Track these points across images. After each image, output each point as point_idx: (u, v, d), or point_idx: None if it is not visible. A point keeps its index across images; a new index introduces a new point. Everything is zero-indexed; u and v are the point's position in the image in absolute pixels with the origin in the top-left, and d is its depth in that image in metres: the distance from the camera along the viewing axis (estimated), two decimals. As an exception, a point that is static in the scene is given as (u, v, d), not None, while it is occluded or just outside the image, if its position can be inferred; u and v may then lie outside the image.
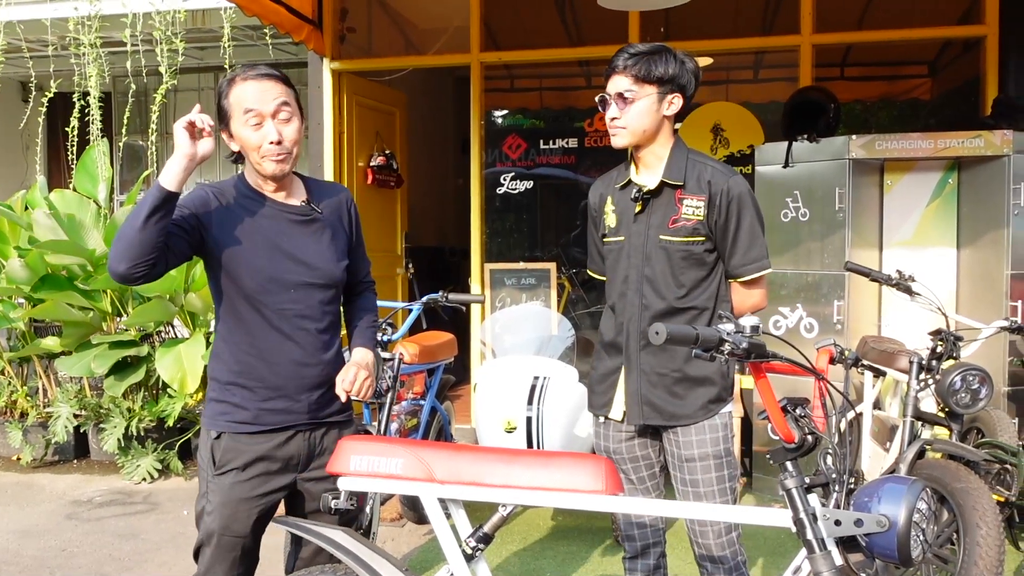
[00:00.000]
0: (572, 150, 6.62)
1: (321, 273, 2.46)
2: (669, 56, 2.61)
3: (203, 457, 2.43)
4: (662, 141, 2.68)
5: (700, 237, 2.61)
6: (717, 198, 2.59)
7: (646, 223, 2.68)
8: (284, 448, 2.43)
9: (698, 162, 2.65)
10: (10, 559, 4.43)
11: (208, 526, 2.39)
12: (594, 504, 2.14)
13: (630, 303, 2.71)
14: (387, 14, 7.35)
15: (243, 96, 2.35)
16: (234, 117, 2.37)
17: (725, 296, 2.69)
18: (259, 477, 2.41)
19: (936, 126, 5.99)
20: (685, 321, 2.62)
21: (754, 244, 2.63)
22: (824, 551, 1.94)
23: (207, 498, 2.40)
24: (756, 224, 2.63)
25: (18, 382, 6.50)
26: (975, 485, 3.16)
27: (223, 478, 2.38)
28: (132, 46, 6.52)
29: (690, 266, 2.63)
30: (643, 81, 2.60)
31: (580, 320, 6.63)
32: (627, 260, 2.71)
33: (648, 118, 2.63)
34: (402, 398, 4.56)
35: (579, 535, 4.65)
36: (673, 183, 2.63)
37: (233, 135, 2.39)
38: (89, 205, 6.28)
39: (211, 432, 2.40)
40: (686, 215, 2.62)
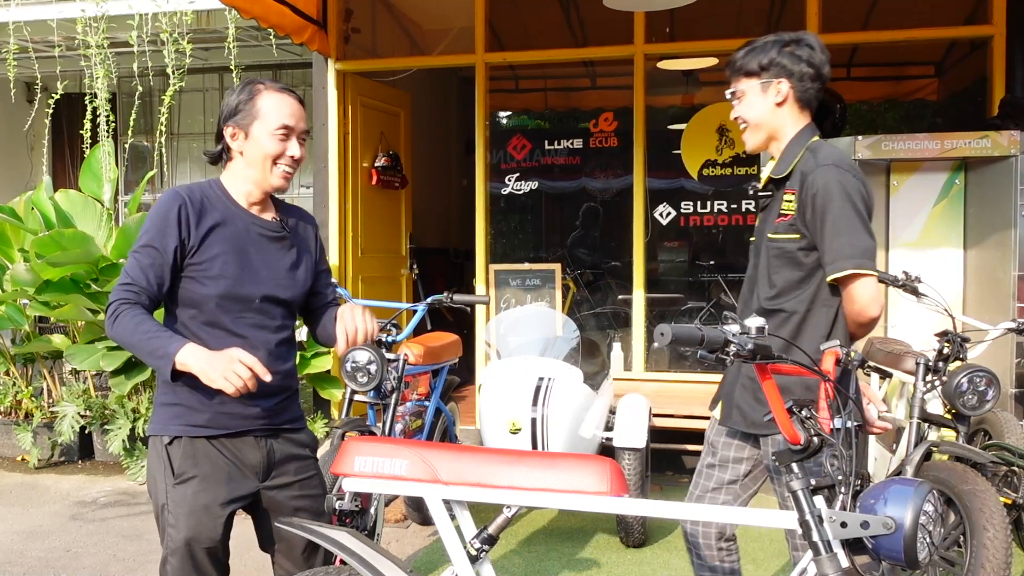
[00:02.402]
0: (577, 151, 6.62)
1: (284, 287, 2.46)
2: (768, 45, 2.50)
3: (155, 467, 2.33)
4: (785, 133, 2.54)
5: (795, 234, 2.46)
6: (803, 190, 2.42)
7: (766, 220, 2.60)
8: (243, 453, 2.37)
9: (810, 152, 2.48)
10: (15, 559, 4.43)
11: (174, 539, 2.29)
12: (599, 505, 2.13)
13: (743, 302, 2.69)
14: (391, 15, 7.36)
15: (279, 108, 2.38)
16: (262, 121, 2.37)
17: (830, 302, 2.47)
18: (222, 483, 2.33)
19: (943, 127, 5.98)
20: (774, 325, 2.46)
21: (835, 242, 2.36)
22: (830, 553, 1.93)
23: (168, 509, 2.30)
24: (844, 218, 2.36)
25: (23, 383, 6.51)
26: (982, 487, 3.15)
27: (184, 487, 2.30)
28: (138, 47, 6.53)
29: (783, 266, 2.50)
30: (741, 75, 2.53)
31: (585, 321, 6.63)
32: (752, 259, 2.67)
33: (756, 110, 2.53)
34: (406, 399, 4.56)
35: (584, 536, 4.64)
36: (777, 177, 2.54)
37: (249, 136, 2.38)
38: (94, 206, 6.29)
39: (163, 437, 2.32)
40: (784, 211, 2.49)
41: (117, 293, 2.25)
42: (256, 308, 2.40)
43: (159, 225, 2.30)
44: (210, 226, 2.35)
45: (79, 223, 6.10)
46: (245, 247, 2.40)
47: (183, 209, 2.32)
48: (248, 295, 2.38)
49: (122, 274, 2.29)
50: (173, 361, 2.17)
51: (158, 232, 2.29)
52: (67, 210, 6.21)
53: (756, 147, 2.60)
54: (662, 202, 6.30)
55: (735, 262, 6.32)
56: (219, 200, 2.41)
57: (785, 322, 2.50)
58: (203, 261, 2.33)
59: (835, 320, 2.47)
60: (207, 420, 2.32)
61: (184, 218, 2.32)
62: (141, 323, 2.22)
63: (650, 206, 6.24)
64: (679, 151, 6.30)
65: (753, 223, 5.94)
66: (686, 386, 5.89)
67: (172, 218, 2.31)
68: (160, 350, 2.18)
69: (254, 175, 2.41)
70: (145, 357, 2.23)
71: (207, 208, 2.37)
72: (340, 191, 6.44)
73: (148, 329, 2.21)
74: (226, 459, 2.35)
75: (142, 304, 2.26)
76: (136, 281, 2.26)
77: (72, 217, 6.17)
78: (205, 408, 2.32)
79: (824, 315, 2.47)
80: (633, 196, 6.13)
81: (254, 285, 2.39)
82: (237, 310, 2.37)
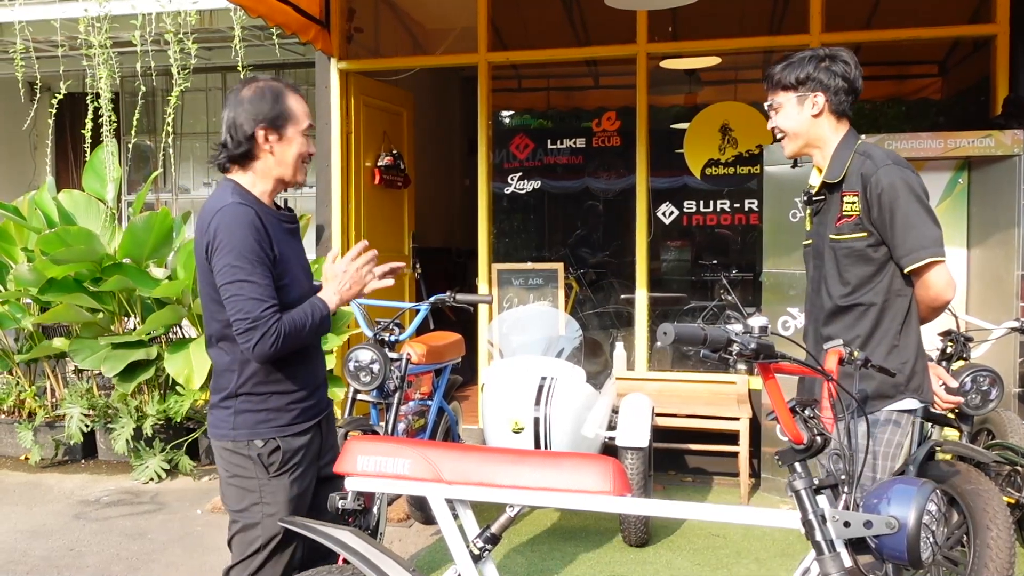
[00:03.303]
0: (580, 150, 6.61)
1: (311, 276, 2.66)
2: (805, 60, 2.67)
3: (241, 469, 2.48)
4: (824, 142, 2.71)
5: (862, 233, 2.60)
6: (868, 191, 2.57)
7: (822, 223, 2.75)
8: (315, 441, 2.58)
9: (861, 155, 2.64)
10: (18, 558, 4.44)
11: (273, 528, 2.45)
12: (601, 505, 2.13)
13: (811, 303, 2.82)
14: (394, 14, 7.36)
15: (304, 108, 2.52)
16: (296, 123, 2.49)
17: (903, 291, 2.63)
18: (308, 469, 2.55)
19: (946, 126, 5.96)
20: (853, 319, 2.63)
21: (909, 234, 2.53)
22: (833, 552, 1.93)
23: (264, 502, 2.46)
24: (913, 212, 2.53)
25: (26, 382, 6.52)
26: (985, 487, 3.14)
27: (280, 479, 2.47)
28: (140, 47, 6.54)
29: (854, 263, 2.63)
30: (779, 89, 2.71)
31: (588, 320, 6.62)
32: (813, 262, 2.82)
33: (793, 121, 2.70)
34: (409, 398, 4.56)
35: (586, 536, 4.64)
36: (831, 182, 2.67)
37: (284, 138, 2.48)
38: (97, 206, 6.30)
39: (255, 442, 2.46)
40: (846, 212, 2.63)
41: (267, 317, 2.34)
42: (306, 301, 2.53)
43: (255, 237, 2.37)
44: (275, 236, 2.46)
45: (82, 223, 6.11)
46: (291, 247, 2.54)
47: (260, 219, 2.41)
48: (303, 293, 2.54)
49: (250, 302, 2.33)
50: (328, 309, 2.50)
51: (256, 245, 2.37)
52: (70, 210, 6.22)
53: (793, 154, 2.78)
54: (665, 201, 6.29)
55: (737, 261, 6.32)
56: (259, 206, 2.47)
57: (864, 315, 2.63)
58: (279, 271, 2.45)
59: (909, 308, 2.64)
60: (292, 419, 2.51)
61: (265, 228, 2.41)
62: (295, 320, 2.41)
63: (653, 205, 6.23)
64: (682, 150, 6.30)
65: (756, 222, 5.98)
66: (689, 385, 5.89)
67: (260, 229, 2.39)
68: (324, 318, 2.48)
69: (282, 173, 2.51)
70: (314, 336, 2.49)
71: (263, 216, 2.44)
72: (343, 190, 6.44)
73: (303, 319, 2.43)
74: (308, 449, 2.55)
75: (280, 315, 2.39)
76: (273, 298, 2.37)
77: (75, 216, 6.19)
78: (291, 407, 2.50)
79: (900, 304, 2.62)
80: (636, 195, 6.13)
81: (304, 281, 2.57)
82: None
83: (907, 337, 2.62)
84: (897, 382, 2.58)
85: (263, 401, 2.47)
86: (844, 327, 2.65)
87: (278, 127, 2.46)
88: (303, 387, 2.53)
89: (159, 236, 5.92)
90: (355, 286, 2.59)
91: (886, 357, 2.57)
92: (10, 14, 6.98)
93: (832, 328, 2.69)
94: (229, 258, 2.34)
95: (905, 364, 2.60)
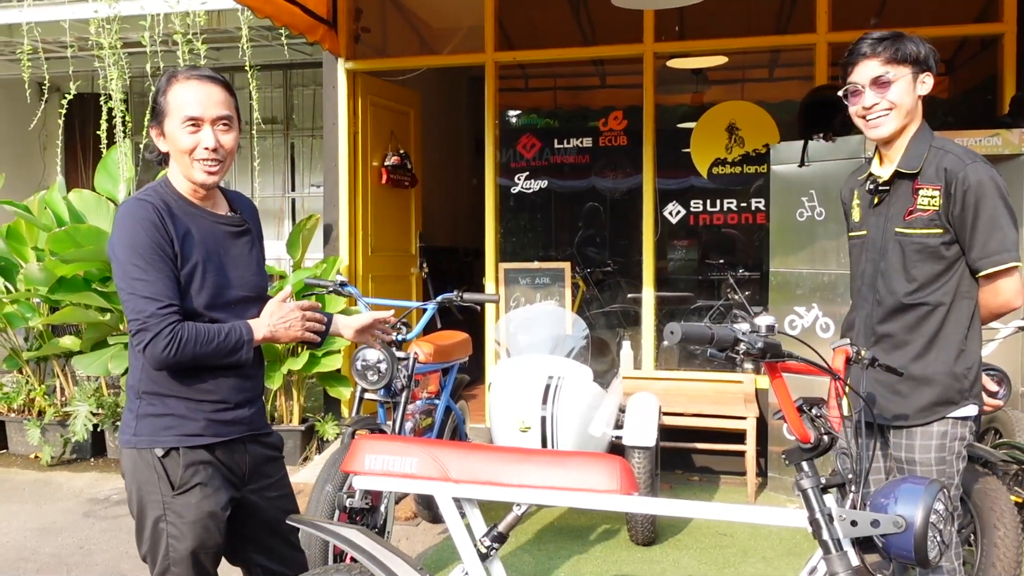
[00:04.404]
0: (587, 149, 6.61)
1: (254, 286, 2.42)
2: (913, 38, 2.53)
3: (143, 479, 2.25)
4: (910, 128, 2.57)
5: (937, 229, 2.48)
6: (952, 187, 2.44)
7: (884, 215, 2.61)
8: (231, 459, 2.36)
9: (939, 149, 2.52)
10: (28, 556, 4.46)
11: (179, 550, 2.24)
12: (608, 504, 2.14)
13: (864, 298, 2.69)
14: (401, 14, 7.36)
15: (184, 98, 2.26)
16: (171, 116, 2.27)
17: (969, 292, 2.52)
18: (221, 489, 2.31)
19: (953, 125, 5.94)
20: (916, 318, 2.53)
21: (993, 236, 2.42)
22: (840, 551, 1.94)
23: (167, 521, 2.24)
24: (1000, 214, 2.42)
25: (35, 381, 6.55)
26: (993, 486, 3.14)
27: (186, 496, 2.24)
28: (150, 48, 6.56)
29: (924, 260, 2.51)
30: (897, 62, 2.50)
31: (595, 319, 6.63)
32: (866, 254, 2.68)
33: (909, 97, 2.52)
34: (416, 397, 4.57)
35: (593, 535, 4.65)
36: (907, 172, 2.54)
37: (166, 135, 2.29)
38: (107, 206, 6.32)
39: (155, 450, 2.24)
40: (922, 206, 2.50)
41: (159, 318, 2.15)
42: (234, 312, 2.34)
43: (151, 234, 2.19)
44: (183, 233, 2.26)
45: (92, 222, 6.11)
46: (216, 250, 2.33)
47: (161, 216, 2.22)
48: (228, 300, 2.33)
49: (141, 300, 2.16)
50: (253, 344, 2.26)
51: (152, 243, 2.19)
52: (80, 209, 6.24)
53: (891, 134, 2.56)
54: (671, 200, 6.29)
55: (744, 260, 6.31)
56: (177, 202, 2.31)
57: (929, 315, 2.53)
58: (186, 272, 2.24)
59: (974, 311, 2.54)
60: (202, 428, 2.28)
61: (164, 225, 2.22)
62: (201, 332, 2.20)
63: (659, 205, 6.23)
64: (689, 149, 6.30)
65: (763, 221, 5.97)
66: (696, 385, 5.89)
67: (158, 225, 2.20)
68: (238, 343, 2.24)
69: (184, 172, 2.31)
70: (222, 358, 2.24)
71: (174, 211, 2.27)
72: (350, 190, 6.45)
73: (212, 334, 2.22)
74: (221, 465, 2.33)
75: (183, 319, 2.20)
76: (171, 299, 2.18)
77: (86, 216, 6.20)
78: (198, 416, 2.28)
79: (966, 306, 2.53)
80: (643, 195, 6.13)
81: (232, 289, 2.34)
82: (219, 316, 2.30)
83: (973, 341, 2.53)
84: (963, 387, 2.51)
85: (167, 405, 2.26)
86: (906, 326, 2.56)
87: (159, 123, 2.29)
88: (222, 396, 2.31)
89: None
90: (293, 328, 2.36)
91: (955, 361, 2.50)
92: (19, 15, 7.01)
93: (890, 326, 2.59)
94: (121, 254, 2.19)
95: (970, 370, 2.52)
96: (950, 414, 2.51)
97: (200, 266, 2.26)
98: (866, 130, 2.59)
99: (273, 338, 2.32)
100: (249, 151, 8.57)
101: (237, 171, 8.76)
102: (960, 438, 2.53)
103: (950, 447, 2.52)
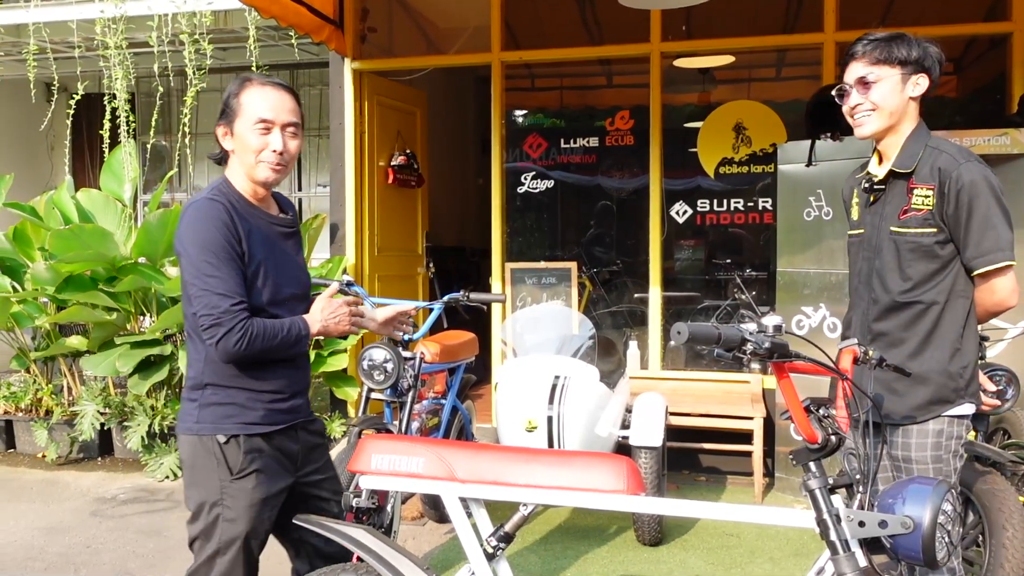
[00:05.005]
0: (593, 149, 6.60)
1: (302, 283, 2.57)
2: (909, 39, 2.53)
3: (204, 464, 2.37)
4: (904, 127, 2.57)
5: (931, 228, 2.49)
6: (946, 186, 2.45)
7: (880, 214, 2.62)
8: (286, 447, 2.47)
9: (934, 149, 2.52)
10: (36, 555, 4.47)
11: (230, 533, 2.35)
12: (615, 504, 2.13)
13: (860, 297, 2.70)
14: (408, 14, 7.37)
15: (259, 101, 2.39)
16: (242, 117, 2.39)
17: (965, 292, 2.53)
18: (276, 476, 2.43)
19: (962, 124, 5.92)
20: (911, 316, 2.54)
21: (987, 235, 2.44)
22: (848, 552, 1.93)
23: (224, 505, 2.35)
24: (993, 214, 2.44)
25: (43, 380, 6.57)
26: (1001, 487, 3.13)
27: (244, 481, 2.36)
28: (157, 48, 6.57)
29: (919, 259, 2.52)
30: (883, 63, 2.52)
31: (601, 319, 6.62)
32: (862, 253, 2.70)
33: (894, 98, 2.53)
34: (423, 397, 4.57)
35: (600, 535, 4.64)
36: (901, 171, 2.55)
37: (234, 134, 2.41)
38: (115, 205, 6.34)
39: (218, 437, 2.36)
40: (916, 205, 2.51)
41: (232, 315, 2.27)
42: (288, 308, 2.47)
43: (222, 232, 2.31)
44: (248, 231, 2.38)
45: (100, 222, 6.15)
46: (272, 249, 2.46)
47: (231, 215, 2.34)
48: (283, 297, 2.46)
49: (216, 297, 2.27)
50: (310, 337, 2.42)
51: (224, 241, 2.31)
52: (88, 209, 6.26)
53: (875, 133, 2.59)
54: (678, 200, 6.28)
55: (751, 260, 6.30)
56: (239, 202, 2.43)
57: (924, 313, 2.54)
58: (250, 270, 2.37)
59: (970, 310, 2.54)
60: (261, 417, 2.40)
61: (234, 224, 2.34)
62: (268, 327, 2.34)
63: (666, 204, 6.22)
64: (695, 149, 6.29)
65: (770, 221, 5.96)
66: (703, 385, 5.88)
67: (229, 224, 2.33)
68: (298, 337, 2.39)
69: (246, 170, 2.43)
70: (285, 351, 2.39)
71: (240, 211, 2.39)
72: (356, 190, 6.46)
73: (277, 328, 2.36)
74: (277, 452, 2.44)
75: (251, 315, 2.33)
76: (242, 296, 2.31)
77: (94, 216, 6.23)
78: (257, 406, 2.40)
79: (961, 305, 2.53)
80: (649, 194, 6.12)
81: (287, 286, 2.48)
82: (278, 313, 2.44)
83: (968, 340, 2.53)
84: (958, 387, 2.51)
85: (230, 395, 2.38)
86: (901, 324, 2.56)
87: (228, 123, 2.42)
88: (278, 387, 2.44)
89: (173, 233, 5.94)
90: (341, 322, 2.51)
91: (950, 360, 2.50)
92: (25, 15, 7.03)
93: (886, 324, 2.59)
94: (194, 252, 2.30)
95: (965, 368, 2.52)
96: (945, 412, 2.52)
97: (263, 264, 2.40)
98: (854, 129, 2.62)
99: (325, 331, 2.48)
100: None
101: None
102: (957, 436, 2.54)
103: (946, 445, 2.53)
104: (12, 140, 9.20)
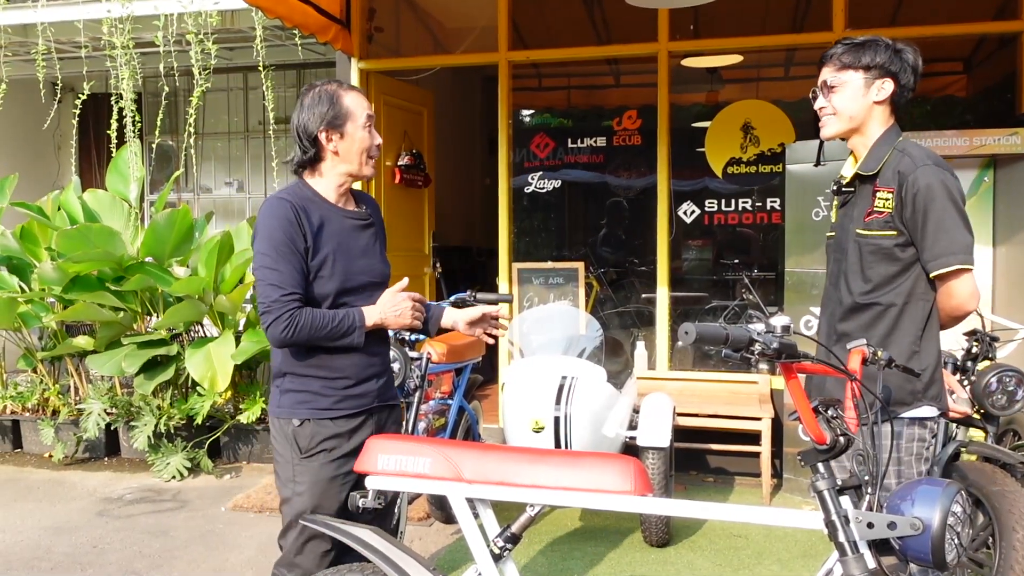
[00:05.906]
0: (600, 149, 6.59)
1: (378, 272, 2.72)
2: (879, 45, 2.57)
3: (281, 445, 2.60)
4: (872, 131, 2.61)
5: (891, 231, 2.51)
6: (903, 189, 2.47)
7: (849, 216, 2.66)
8: (359, 432, 2.60)
9: (900, 152, 2.54)
10: (42, 555, 4.48)
11: (298, 507, 2.54)
12: (622, 504, 2.12)
13: (829, 298, 2.74)
14: (415, 13, 7.36)
15: (359, 102, 2.63)
16: (355, 118, 2.60)
17: (925, 295, 2.54)
18: (343, 458, 2.57)
19: (971, 123, 5.89)
20: (871, 317, 2.56)
21: (940, 238, 2.44)
22: (856, 554, 1.92)
23: (295, 482, 2.55)
24: (948, 216, 2.44)
25: (50, 380, 6.58)
26: (1011, 488, 3.11)
27: (311, 461, 2.54)
28: (163, 47, 6.58)
29: (878, 261, 2.54)
30: (847, 68, 2.58)
31: (608, 320, 6.61)
32: (833, 255, 2.75)
33: (853, 103, 2.58)
34: (430, 397, 4.56)
35: (607, 536, 4.63)
36: (865, 174, 2.58)
37: (345, 135, 2.59)
38: (122, 205, 6.35)
39: (293, 420, 2.55)
40: (878, 208, 2.54)
41: (281, 304, 2.44)
42: (363, 296, 2.64)
43: (286, 230, 2.48)
44: (317, 227, 2.56)
45: (107, 222, 6.16)
46: (346, 241, 2.63)
47: (297, 213, 2.51)
48: (357, 286, 2.62)
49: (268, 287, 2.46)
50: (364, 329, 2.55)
51: (287, 237, 2.48)
52: (95, 209, 6.27)
53: (835, 135, 2.65)
54: (686, 200, 6.27)
55: (759, 260, 6.28)
56: (314, 200, 2.61)
57: (882, 315, 2.56)
58: (318, 262, 2.54)
59: (930, 313, 2.55)
60: (331, 404, 2.57)
61: (300, 221, 2.51)
62: (317, 317, 2.48)
63: (674, 204, 6.21)
64: (703, 149, 6.27)
65: (778, 221, 5.94)
66: (710, 385, 5.87)
67: (294, 222, 2.50)
68: (350, 328, 2.53)
69: (349, 169, 2.64)
70: (335, 340, 2.53)
71: (310, 209, 2.57)
72: (363, 189, 6.45)
73: (326, 319, 2.50)
74: (346, 437, 2.58)
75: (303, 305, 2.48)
76: (295, 288, 2.47)
77: (100, 216, 6.24)
78: (329, 393, 2.57)
79: (920, 308, 2.54)
80: (657, 194, 6.11)
81: (360, 275, 2.64)
82: (351, 300, 2.60)
83: (928, 343, 2.54)
84: (915, 388, 2.51)
85: (305, 383, 2.57)
86: (861, 326, 2.58)
87: (338, 126, 2.58)
88: (348, 375, 2.58)
89: (180, 233, 5.96)
90: (403, 316, 2.65)
91: (907, 362, 2.49)
92: (33, 15, 7.05)
93: (848, 325, 2.62)
94: (259, 246, 2.50)
95: (924, 371, 2.51)
96: (902, 414, 2.51)
97: (331, 256, 2.56)
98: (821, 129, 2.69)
99: (383, 324, 2.62)
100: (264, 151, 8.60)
101: (251, 171, 8.79)
102: (918, 439, 2.53)
103: (906, 447, 2.52)
104: (19, 139, 9.21)
